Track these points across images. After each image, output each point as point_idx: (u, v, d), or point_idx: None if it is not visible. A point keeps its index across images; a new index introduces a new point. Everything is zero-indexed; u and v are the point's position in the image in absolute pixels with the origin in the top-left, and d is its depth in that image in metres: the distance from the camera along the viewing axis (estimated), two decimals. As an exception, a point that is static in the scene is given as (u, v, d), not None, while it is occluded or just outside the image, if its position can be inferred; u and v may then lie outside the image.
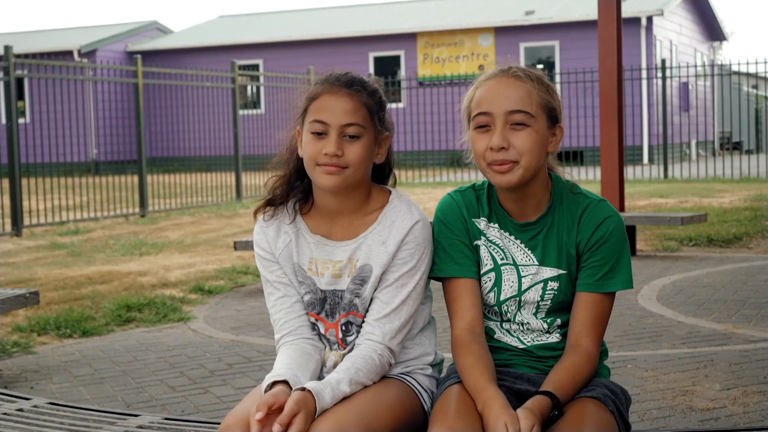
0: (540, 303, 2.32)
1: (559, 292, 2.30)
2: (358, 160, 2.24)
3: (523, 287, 2.31)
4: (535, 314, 2.33)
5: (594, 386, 2.25)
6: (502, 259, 2.33)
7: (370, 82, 2.32)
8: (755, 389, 4.08)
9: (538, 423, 2.04)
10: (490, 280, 2.34)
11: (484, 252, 2.34)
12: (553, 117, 2.28)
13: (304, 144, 2.29)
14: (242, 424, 2.08)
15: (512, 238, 2.32)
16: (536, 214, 2.31)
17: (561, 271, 2.30)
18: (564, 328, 2.33)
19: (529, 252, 2.31)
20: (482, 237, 2.34)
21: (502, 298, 2.33)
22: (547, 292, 2.30)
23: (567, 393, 2.17)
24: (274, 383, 2.13)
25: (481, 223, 2.34)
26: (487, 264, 2.34)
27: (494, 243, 2.33)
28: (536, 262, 2.31)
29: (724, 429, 3.10)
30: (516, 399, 2.26)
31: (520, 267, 2.32)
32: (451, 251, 2.33)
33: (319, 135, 2.25)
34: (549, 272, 2.30)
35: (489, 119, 2.23)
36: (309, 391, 2.06)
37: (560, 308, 2.32)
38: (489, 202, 2.35)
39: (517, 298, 2.32)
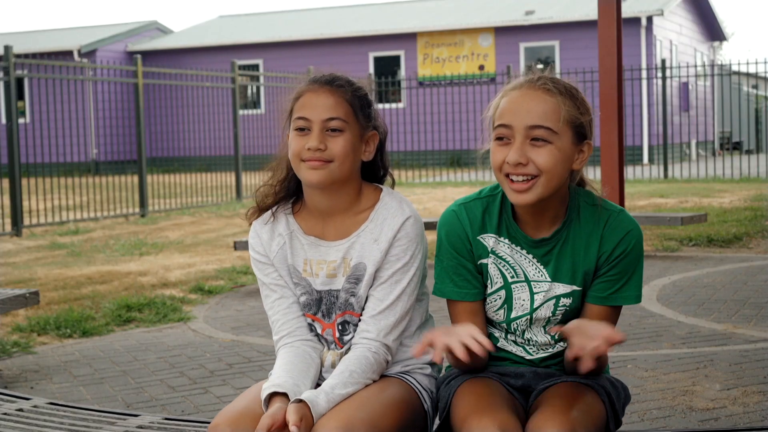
0: (551, 318, 2.26)
1: (572, 308, 2.24)
2: (342, 153, 2.24)
3: (536, 304, 2.24)
4: (543, 328, 2.28)
5: (594, 376, 2.23)
6: (512, 276, 2.24)
7: (353, 80, 2.32)
8: (755, 389, 4.07)
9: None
10: (500, 299, 2.26)
11: (493, 270, 2.25)
12: (580, 133, 2.18)
13: (289, 142, 2.30)
14: (230, 422, 2.10)
15: (524, 252, 2.23)
16: (551, 229, 2.22)
17: (575, 288, 2.22)
18: None
19: (542, 267, 2.23)
20: (491, 255, 2.24)
21: (512, 316, 2.26)
22: (558, 308, 2.24)
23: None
24: (274, 395, 2.14)
25: (490, 240, 2.24)
26: (496, 282, 2.25)
27: (504, 260, 2.24)
28: (548, 279, 2.23)
29: (724, 429, 3.11)
30: (520, 395, 2.25)
31: (532, 283, 2.24)
32: (451, 272, 2.25)
33: (302, 131, 2.26)
34: (561, 288, 2.23)
35: (508, 132, 2.13)
36: (304, 402, 2.08)
37: (569, 320, 2.23)
38: (500, 214, 2.24)
39: (529, 316, 2.26)
